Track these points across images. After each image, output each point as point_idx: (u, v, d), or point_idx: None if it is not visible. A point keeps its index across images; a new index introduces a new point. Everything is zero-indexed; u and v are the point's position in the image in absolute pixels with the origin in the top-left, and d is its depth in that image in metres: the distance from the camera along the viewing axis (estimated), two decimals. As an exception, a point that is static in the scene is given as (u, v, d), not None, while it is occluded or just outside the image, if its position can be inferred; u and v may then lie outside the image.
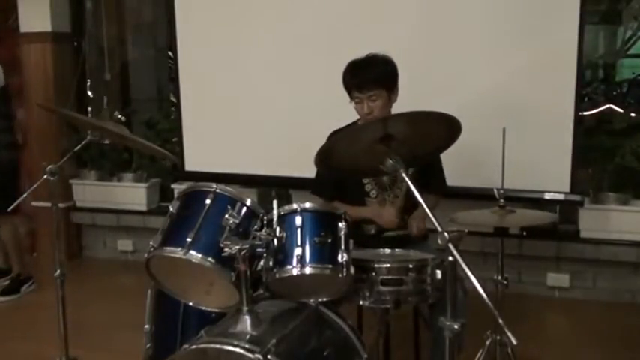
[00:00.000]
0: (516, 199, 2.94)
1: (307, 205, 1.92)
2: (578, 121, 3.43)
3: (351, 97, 2.50)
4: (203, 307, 1.99)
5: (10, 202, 2.76)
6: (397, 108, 2.45)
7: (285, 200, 4.04)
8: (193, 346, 1.76)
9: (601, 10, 4.58)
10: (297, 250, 1.83)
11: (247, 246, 1.77)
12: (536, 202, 3.43)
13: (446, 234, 1.64)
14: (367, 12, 3.60)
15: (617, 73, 5.26)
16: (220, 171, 4.01)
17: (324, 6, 3.73)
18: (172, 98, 4.75)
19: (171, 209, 1.94)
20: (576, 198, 3.51)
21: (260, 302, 2.00)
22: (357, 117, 2.60)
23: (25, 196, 2.58)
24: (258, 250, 1.83)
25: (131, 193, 4.70)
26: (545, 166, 3.45)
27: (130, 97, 5.37)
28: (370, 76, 2.44)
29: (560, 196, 3.47)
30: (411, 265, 2.01)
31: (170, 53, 4.48)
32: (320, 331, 2.02)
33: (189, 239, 1.81)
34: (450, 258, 1.65)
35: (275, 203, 1.88)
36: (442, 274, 1.97)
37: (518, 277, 3.89)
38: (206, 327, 1.89)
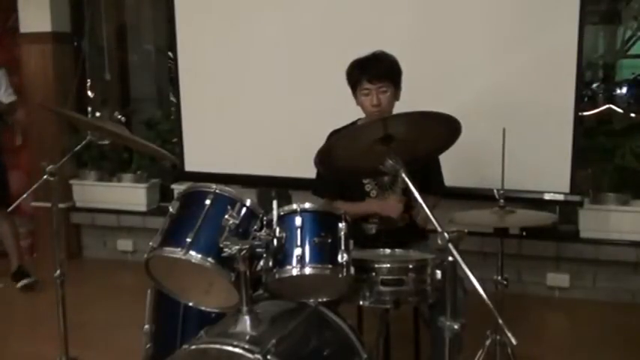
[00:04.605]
0: (516, 200, 2.93)
1: (307, 205, 1.91)
2: (578, 121, 3.43)
3: (357, 91, 2.48)
4: (203, 307, 1.99)
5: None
6: (397, 108, 2.45)
7: (285, 200, 4.03)
8: (193, 346, 1.76)
9: (601, 10, 4.58)
10: (297, 251, 1.83)
11: (247, 246, 1.77)
12: (536, 202, 3.42)
13: (446, 234, 1.64)
14: (367, 12, 3.60)
15: (617, 73, 5.26)
16: (220, 171, 4.01)
17: (324, 7, 3.73)
18: (172, 98, 4.75)
19: (170, 209, 1.93)
20: (576, 198, 3.52)
21: (260, 302, 2.00)
22: (357, 117, 2.60)
23: (24, 196, 2.57)
24: (258, 250, 1.83)
25: (131, 193, 4.70)
26: (545, 166, 3.45)
27: (130, 97, 5.38)
28: (382, 67, 2.45)
29: (560, 197, 3.47)
30: (411, 266, 2.01)
31: (170, 53, 4.48)
32: (320, 331, 2.02)
33: (188, 239, 1.81)
34: (450, 258, 1.65)
35: (275, 203, 1.87)
36: (442, 274, 1.97)
37: (518, 277, 3.89)
38: (206, 327, 1.89)
